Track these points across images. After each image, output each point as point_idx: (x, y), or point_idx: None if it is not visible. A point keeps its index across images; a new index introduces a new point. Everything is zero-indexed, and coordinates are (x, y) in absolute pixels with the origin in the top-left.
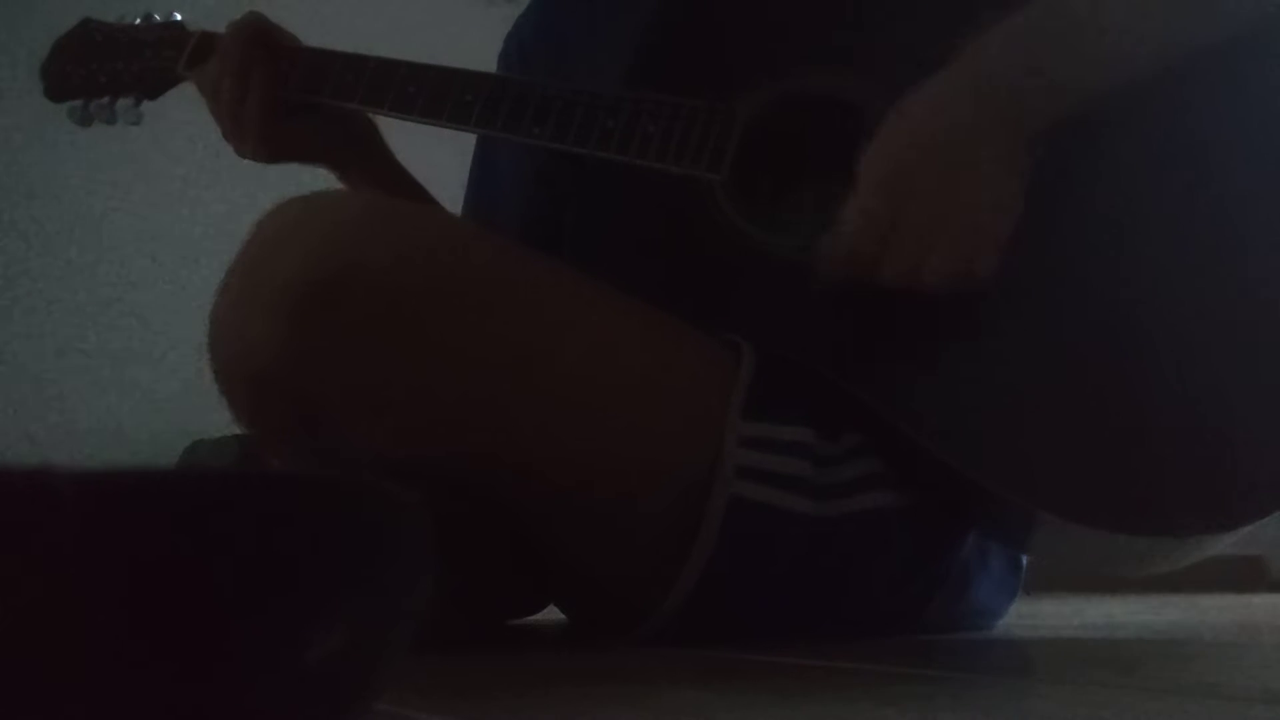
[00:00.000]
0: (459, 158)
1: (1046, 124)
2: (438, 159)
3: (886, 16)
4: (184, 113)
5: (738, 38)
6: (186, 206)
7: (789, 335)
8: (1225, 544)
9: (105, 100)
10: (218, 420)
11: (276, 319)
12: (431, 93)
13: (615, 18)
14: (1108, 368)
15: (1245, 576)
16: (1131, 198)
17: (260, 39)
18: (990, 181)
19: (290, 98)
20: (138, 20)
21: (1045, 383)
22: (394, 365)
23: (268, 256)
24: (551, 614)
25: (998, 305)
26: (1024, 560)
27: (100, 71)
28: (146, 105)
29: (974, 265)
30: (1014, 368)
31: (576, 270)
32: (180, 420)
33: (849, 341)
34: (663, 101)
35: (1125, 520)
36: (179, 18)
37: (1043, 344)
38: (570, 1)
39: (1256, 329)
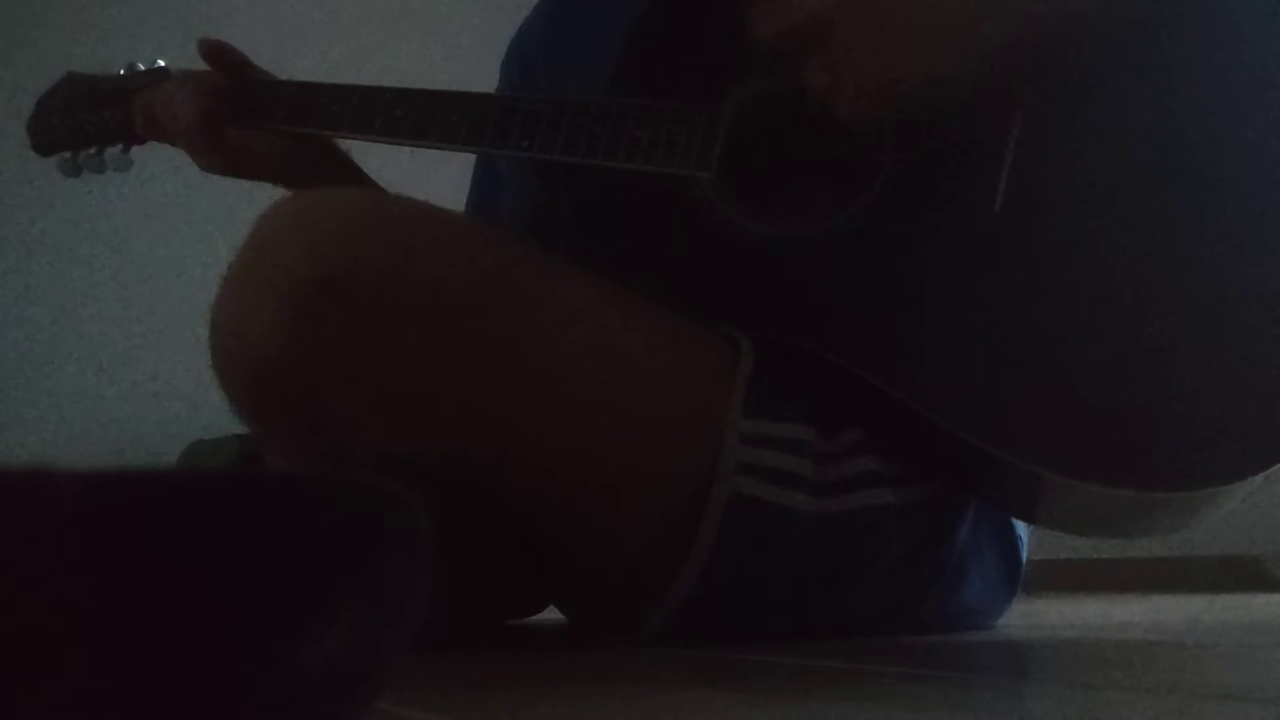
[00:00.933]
0: (457, 163)
1: (1035, 33)
2: (437, 167)
3: None
4: None
5: (724, 35)
6: (186, 204)
7: (787, 322)
8: (1225, 509)
9: (93, 150)
10: (218, 420)
11: (278, 315)
12: (418, 115)
13: (607, 22)
14: (1101, 330)
15: (1245, 576)
16: (1120, 165)
17: (208, 58)
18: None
19: (280, 130)
20: (121, 71)
21: (1041, 346)
22: (395, 363)
23: (270, 252)
24: (551, 614)
25: (990, 277)
26: (1023, 559)
27: (87, 122)
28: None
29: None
30: (1010, 334)
31: (577, 267)
32: (180, 420)
33: (846, 324)
34: (649, 105)
35: (1119, 474)
36: (162, 63)
37: (1038, 310)
38: (570, 11)
39: (1246, 293)
